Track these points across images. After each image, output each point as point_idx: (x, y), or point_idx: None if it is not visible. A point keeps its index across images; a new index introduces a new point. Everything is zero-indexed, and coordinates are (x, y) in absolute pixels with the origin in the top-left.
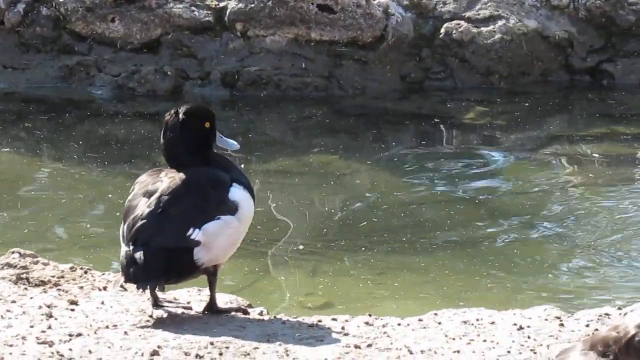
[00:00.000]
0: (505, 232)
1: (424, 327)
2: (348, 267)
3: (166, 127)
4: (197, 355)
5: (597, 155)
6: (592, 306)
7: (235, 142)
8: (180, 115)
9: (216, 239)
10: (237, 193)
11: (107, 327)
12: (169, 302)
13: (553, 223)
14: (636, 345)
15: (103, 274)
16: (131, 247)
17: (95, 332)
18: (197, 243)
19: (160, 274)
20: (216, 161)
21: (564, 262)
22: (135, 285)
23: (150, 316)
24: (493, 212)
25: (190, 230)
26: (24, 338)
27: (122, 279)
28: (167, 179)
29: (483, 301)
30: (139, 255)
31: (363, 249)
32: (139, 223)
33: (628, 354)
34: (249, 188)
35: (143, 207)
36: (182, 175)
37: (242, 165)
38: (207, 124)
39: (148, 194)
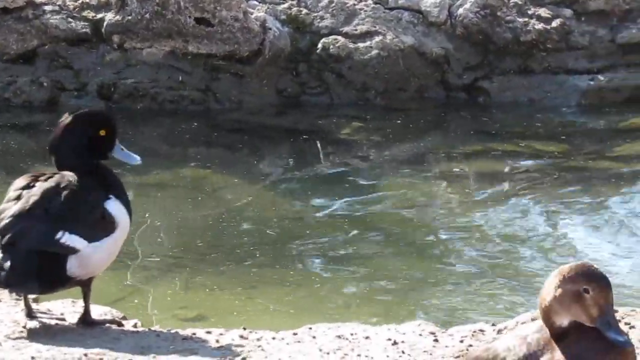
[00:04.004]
0: (380, 247)
1: (299, 341)
2: (222, 281)
3: (56, 128)
4: None
5: (471, 171)
6: (466, 322)
7: (138, 157)
8: (69, 119)
9: (92, 256)
10: (114, 207)
11: None
12: (43, 313)
13: (427, 239)
14: None
15: None
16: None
17: None
18: (66, 247)
19: (31, 277)
20: (102, 172)
21: (438, 278)
22: (7, 290)
23: (24, 327)
24: (368, 228)
25: (60, 234)
26: None
27: None
28: (41, 182)
29: (357, 316)
30: (8, 258)
31: (237, 262)
32: (5, 222)
33: None
34: (126, 204)
35: (13, 209)
36: (57, 179)
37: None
38: (102, 132)
39: (20, 197)
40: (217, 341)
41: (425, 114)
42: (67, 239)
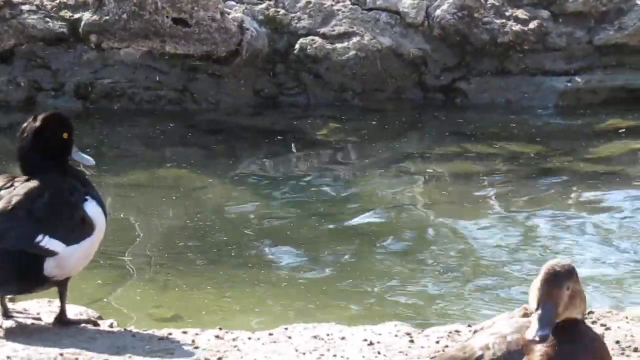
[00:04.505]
0: (356, 248)
1: (275, 342)
2: (199, 281)
3: (22, 132)
4: None
5: (447, 172)
6: (442, 323)
7: (91, 158)
8: (38, 122)
9: (70, 257)
10: (92, 208)
11: None
12: (19, 312)
13: (403, 240)
14: None
15: None
16: None
17: None
18: (45, 250)
19: (10, 278)
20: (73, 173)
21: (414, 279)
22: None
23: (0, 327)
24: (344, 228)
25: (40, 237)
26: None
27: None
28: (19, 184)
29: (334, 316)
30: None
31: (214, 262)
32: None
33: None
34: (101, 204)
35: None
36: (36, 182)
37: (94, 178)
38: (65, 135)
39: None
40: (193, 341)
41: (403, 115)
42: (47, 242)
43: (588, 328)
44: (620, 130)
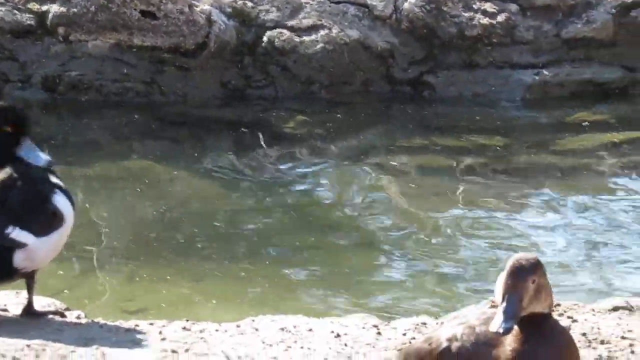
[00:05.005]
0: (324, 241)
1: (242, 333)
2: (166, 273)
3: None
4: (13, 358)
5: (415, 165)
6: (409, 315)
7: (46, 157)
8: None
9: (39, 249)
10: (61, 201)
11: None
12: None
13: (370, 232)
14: (447, 357)
15: None
16: None
17: None
18: (15, 242)
19: None
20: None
21: (381, 271)
22: None
23: None
24: (311, 221)
25: (10, 229)
26: None
27: None
28: None
29: (301, 309)
30: None
31: (181, 254)
32: None
33: None
34: (69, 196)
35: None
36: (7, 173)
37: (61, 170)
38: (9, 129)
39: None
40: (160, 333)
41: (370, 108)
42: (17, 234)
43: (556, 322)
44: (587, 124)
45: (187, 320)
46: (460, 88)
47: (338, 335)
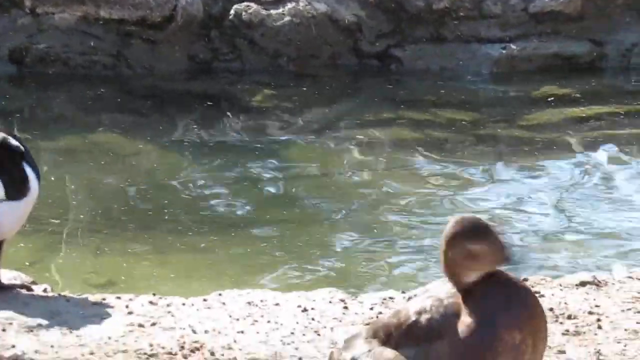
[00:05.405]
0: (291, 214)
1: (209, 307)
2: (133, 246)
3: None
4: None
5: (382, 139)
6: (376, 290)
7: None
8: None
9: (7, 214)
10: (29, 170)
11: None
12: None
13: (337, 206)
14: (416, 332)
15: None
16: None
17: None
18: None
19: None
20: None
21: (348, 245)
22: None
23: None
24: (278, 195)
25: None
26: None
27: None
28: None
29: (268, 283)
30: None
31: (148, 228)
32: None
33: (408, 339)
34: (36, 168)
35: None
36: None
37: (27, 143)
38: None
39: None
40: (127, 307)
41: (338, 81)
42: None
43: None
44: (553, 98)
45: (154, 295)
46: (427, 62)
47: (305, 310)
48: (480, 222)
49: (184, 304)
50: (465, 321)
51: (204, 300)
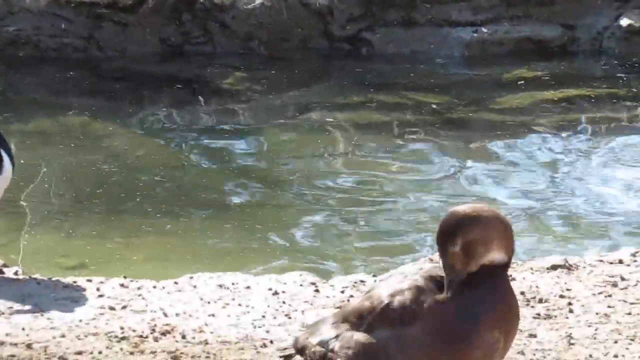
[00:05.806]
0: (261, 197)
1: (180, 290)
2: (103, 229)
3: None
4: None
5: (353, 122)
6: (347, 273)
7: None
8: None
9: None
10: (2, 151)
11: None
12: None
13: (308, 189)
14: (390, 314)
15: None
16: None
17: None
18: None
19: None
20: None
21: (319, 228)
22: None
23: None
24: (248, 178)
25: None
26: None
27: None
28: None
29: (239, 265)
30: None
31: (119, 211)
32: None
33: (383, 322)
34: (8, 148)
35: None
36: None
37: None
38: None
39: None
40: (98, 289)
41: (309, 64)
42: None
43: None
44: (523, 82)
45: (125, 277)
46: (398, 45)
47: (276, 293)
48: (480, 212)
49: (155, 287)
50: (446, 309)
51: (175, 283)
